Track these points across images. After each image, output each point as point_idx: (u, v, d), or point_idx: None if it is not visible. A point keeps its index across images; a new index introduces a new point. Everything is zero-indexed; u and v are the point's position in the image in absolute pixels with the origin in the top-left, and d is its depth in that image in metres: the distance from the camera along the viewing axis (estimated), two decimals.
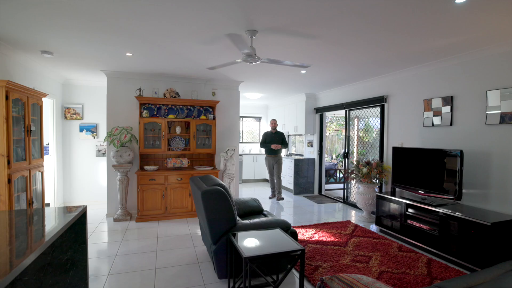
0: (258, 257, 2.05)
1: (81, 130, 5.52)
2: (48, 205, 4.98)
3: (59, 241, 1.88)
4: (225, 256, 2.54)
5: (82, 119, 5.52)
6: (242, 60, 2.85)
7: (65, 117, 5.38)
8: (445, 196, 3.38)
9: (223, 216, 2.55)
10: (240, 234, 2.51)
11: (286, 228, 2.74)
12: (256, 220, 2.76)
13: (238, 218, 2.78)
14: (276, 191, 6.31)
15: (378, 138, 5.11)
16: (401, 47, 3.33)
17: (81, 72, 4.81)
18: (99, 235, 3.99)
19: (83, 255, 1.96)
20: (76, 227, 1.92)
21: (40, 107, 3.67)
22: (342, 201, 6.08)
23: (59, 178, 5.25)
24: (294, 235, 2.85)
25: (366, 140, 5.76)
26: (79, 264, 1.95)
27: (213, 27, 2.73)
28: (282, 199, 6.24)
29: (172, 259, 3.20)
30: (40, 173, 3.67)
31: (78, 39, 3.16)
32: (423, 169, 3.74)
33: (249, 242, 2.37)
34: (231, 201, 2.64)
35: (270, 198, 6.41)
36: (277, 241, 2.39)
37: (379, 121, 5.02)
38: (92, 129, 5.58)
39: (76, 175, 5.53)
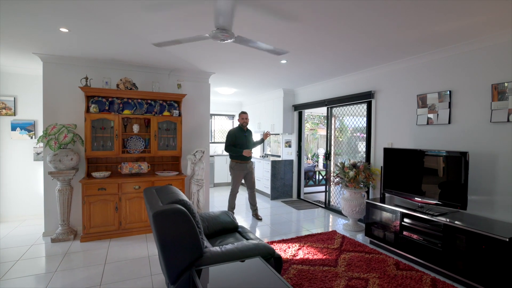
0: None
1: (13, 129, 4.49)
2: None
3: None
4: None
5: (14, 115, 4.49)
6: (210, 36, 2.17)
7: None
8: (446, 204, 2.95)
9: (185, 245, 1.86)
10: (207, 270, 1.84)
11: (269, 255, 2.11)
12: (229, 246, 2.10)
13: (206, 243, 2.11)
14: (252, 207, 4.81)
15: (358, 138, 4.66)
16: (393, 34, 2.84)
17: (9, 55, 3.82)
18: (27, 263, 3.09)
19: None
20: None
21: None
22: (323, 206, 5.59)
23: None
24: (278, 262, 2.23)
25: (342, 139, 5.31)
26: None
27: None
28: (261, 219, 4.71)
29: None
30: None
31: None
32: (419, 172, 3.29)
33: (219, 284, 1.71)
34: (195, 223, 1.96)
35: None
36: (257, 280, 1.75)
37: (365, 119, 4.57)
38: (28, 128, 4.57)
39: (7, 183, 4.49)
